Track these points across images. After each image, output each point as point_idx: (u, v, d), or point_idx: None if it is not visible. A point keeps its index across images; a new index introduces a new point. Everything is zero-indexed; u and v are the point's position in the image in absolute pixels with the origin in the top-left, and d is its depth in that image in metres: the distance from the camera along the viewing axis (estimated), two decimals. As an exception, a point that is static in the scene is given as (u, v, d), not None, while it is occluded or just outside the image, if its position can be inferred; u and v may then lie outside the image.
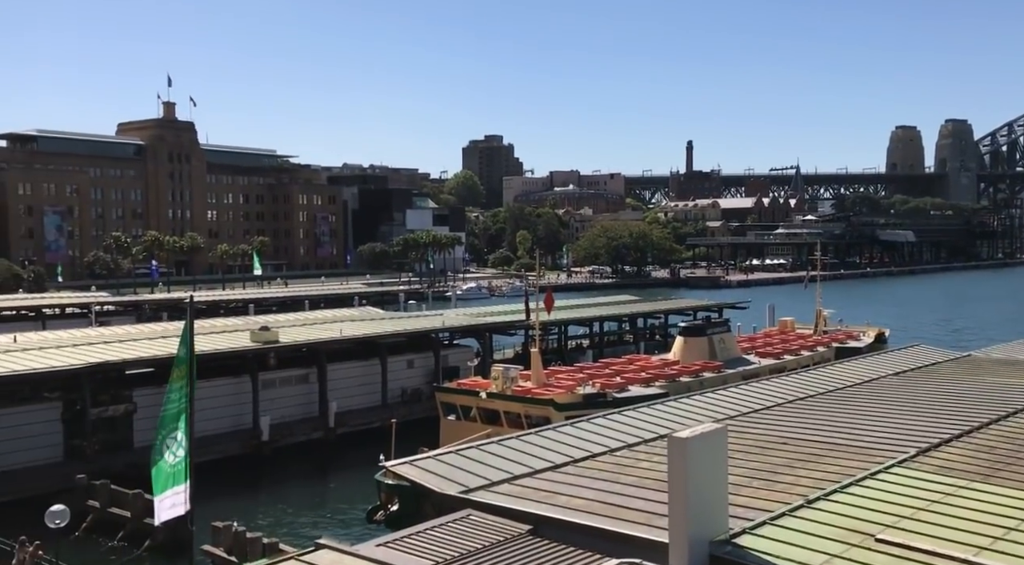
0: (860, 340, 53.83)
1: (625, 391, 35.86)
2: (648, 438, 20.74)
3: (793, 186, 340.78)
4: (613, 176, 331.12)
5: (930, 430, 20.28)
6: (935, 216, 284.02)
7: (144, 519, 28.59)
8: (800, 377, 29.78)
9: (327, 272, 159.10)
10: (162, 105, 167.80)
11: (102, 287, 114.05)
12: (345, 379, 45.41)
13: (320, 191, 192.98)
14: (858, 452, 18.43)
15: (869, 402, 24.60)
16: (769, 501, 14.98)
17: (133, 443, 36.91)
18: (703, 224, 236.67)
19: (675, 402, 25.49)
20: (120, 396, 37.54)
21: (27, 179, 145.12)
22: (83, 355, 38.46)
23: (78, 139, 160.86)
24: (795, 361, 45.35)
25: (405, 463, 19.02)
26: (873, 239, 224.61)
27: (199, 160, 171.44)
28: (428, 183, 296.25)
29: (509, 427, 31.43)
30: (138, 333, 49.22)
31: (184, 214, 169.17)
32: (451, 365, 49.23)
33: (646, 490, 16.10)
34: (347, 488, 36.32)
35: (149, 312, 75.84)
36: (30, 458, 34.09)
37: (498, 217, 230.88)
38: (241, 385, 41.10)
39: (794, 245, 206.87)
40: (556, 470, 18.21)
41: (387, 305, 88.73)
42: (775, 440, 19.94)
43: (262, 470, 38.58)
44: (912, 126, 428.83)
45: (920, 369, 30.87)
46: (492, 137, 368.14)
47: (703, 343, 43.52)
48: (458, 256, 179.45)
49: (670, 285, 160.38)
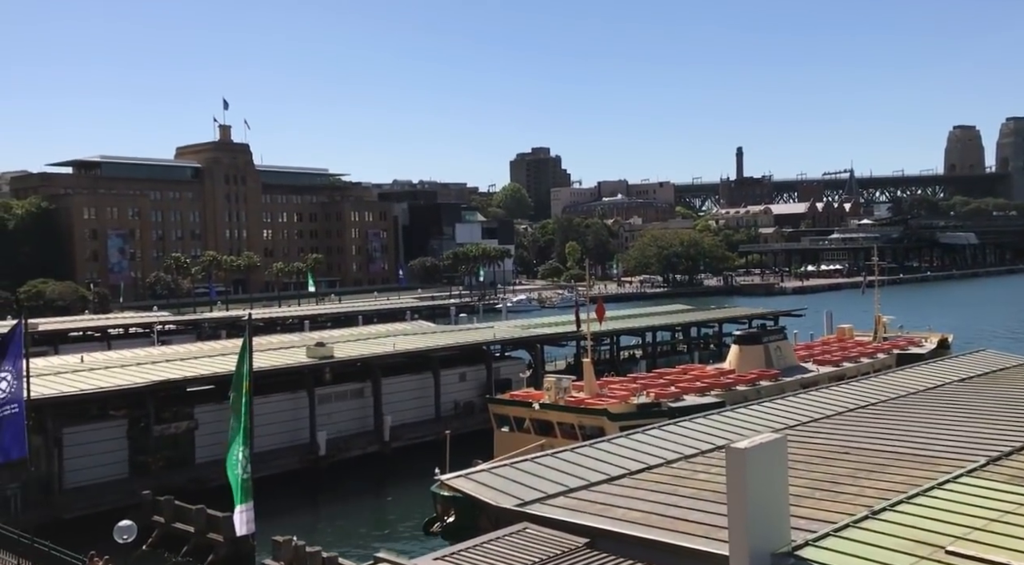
0: (922, 346, 52.33)
1: (680, 401, 35.44)
2: (705, 449, 20.47)
3: (847, 190, 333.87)
4: (662, 184, 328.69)
5: (999, 438, 19.60)
6: (998, 217, 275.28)
7: (207, 534, 29.23)
8: (860, 385, 29.08)
9: (379, 287, 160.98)
10: (218, 128, 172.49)
11: (163, 307, 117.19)
12: (399, 393, 45.81)
13: (371, 208, 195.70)
14: (924, 461, 17.91)
15: (934, 410, 23.90)
16: (832, 512, 14.64)
17: (195, 459, 37.77)
18: (755, 231, 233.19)
19: (732, 412, 25.12)
20: (182, 413, 38.44)
21: (91, 204, 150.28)
22: (146, 373, 39.53)
23: (139, 164, 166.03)
24: (855, 368, 44.30)
25: (460, 476, 19.09)
26: (932, 242, 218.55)
27: (254, 181, 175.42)
28: (476, 197, 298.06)
29: (562, 438, 31.33)
30: (198, 351, 50.45)
31: (240, 234, 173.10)
32: (503, 377, 49.29)
33: (705, 502, 15.88)
34: (403, 501, 36.56)
35: (208, 330, 77.54)
36: (98, 475, 35.08)
37: (546, 229, 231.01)
38: (298, 400, 41.75)
39: (850, 250, 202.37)
40: (612, 482, 18.08)
41: (438, 319, 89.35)
42: (836, 450, 19.49)
43: (320, 485, 39.05)
44: (971, 126, 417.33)
45: (986, 375, 29.87)
46: (539, 149, 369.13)
47: (759, 351, 42.80)
48: (508, 269, 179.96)
49: (723, 293, 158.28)
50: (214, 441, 37.87)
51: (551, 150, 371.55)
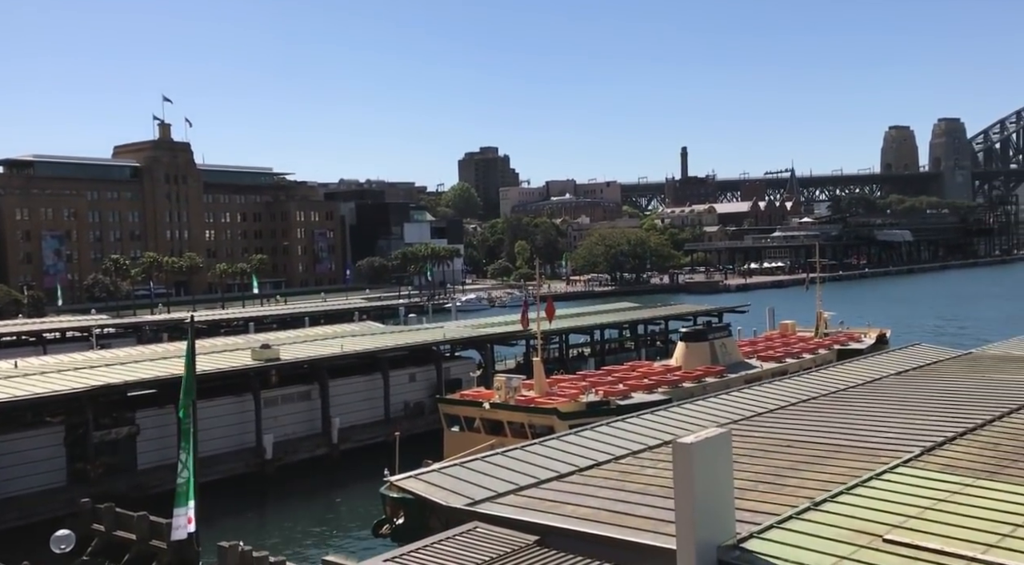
0: (862, 341, 53.81)
1: (628, 398, 35.81)
2: (652, 445, 20.73)
3: (788, 189, 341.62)
4: (609, 184, 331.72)
5: (934, 429, 20.28)
6: (931, 215, 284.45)
7: (150, 541, 28.54)
8: (802, 379, 29.78)
9: (326, 288, 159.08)
10: (158, 127, 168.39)
11: (102, 310, 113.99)
12: (347, 394, 45.36)
13: (317, 207, 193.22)
14: (863, 453, 18.43)
15: (872, 402, 24.61)
16: (776, 504, 14.97)
17: (137, 465, 36.85)
18: (700, 229, 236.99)
19: (678, 408, 25.49)
20: (123, 419, 37.47)
21: (24, 204, 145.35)
22: (85, 378, 38.41)
23: (74, 163, 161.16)
24: (797, 364, 45.32)
25: (410, 477, 19.00)
26: (870, 239, 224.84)
27: (196, 180, 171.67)
28: (425, 196, 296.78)
29: (513, 437, 31.41)
30: (139, 355, 49.19)
31: (182, 234, 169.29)
32: (453, 377, 49.18)
33: (652, 497, 16.09)
34: (352, 504, 36.24)
35: (149, 333, 75.74)
36: (34, 483, 33.97)
37: (496, 228, 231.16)
38: (243, 404, 41.03)
39: (791, 248, 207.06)
40: (562, 479, 18.20)
41: (387, 319, 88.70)
42: (779, 443, 19.93)
43: (267, 488, 38.47)
44: (905, 126, 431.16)
45: (921, 368, 30.88)
46: (487, 149, 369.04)
47: (705, 348, 43.50)
48: (457, 268, 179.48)
49: (669, 291, 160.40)
50: (157, 446, 37.05)
51: (499, 149, 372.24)
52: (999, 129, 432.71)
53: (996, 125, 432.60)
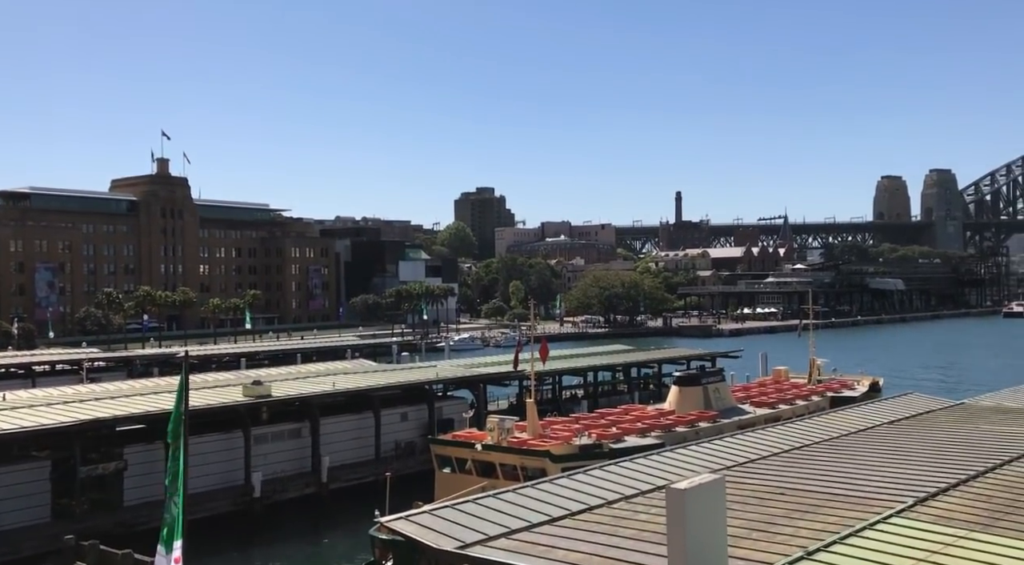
0: (855, 389, 53.81)
1: (621, 442, 35.66)
2: (646, 490, 20.62)
3: (782, 235, 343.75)
4: (604, 226, 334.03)
5: (927, 479, 20.25)
6: (923, 264, 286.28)
7: (134, 580, 28.02)
8: (796, 426, 29.73)
9: (320, 325, 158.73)
10: (156, 162, 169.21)
11: (93, 343, 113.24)
12: (338, 433, 44.98)
13: (312, 244, 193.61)
14: (856, 502, 18.37)
15: (865, 451, 24.57)
16: (769, 553, 14.88)
17: (123, 501, 36.35)
18: (694, 273, 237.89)
19: (671, 453, 25.38)
20: (111, 454, 37.02)
21: (19, 236, 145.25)
22: (73, 412, 38.02)
23: (71, 196, 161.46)
24: (790, 410, 45.26)
25: (400, 518, 18.81)
26: (863, 287, 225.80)
27: (192, 215, 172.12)
28: (421, 235, 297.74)
29: (505, 479, 31.16)
30: (129, 389, 48.79)
31: (176, 269, 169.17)
32: (445, 417, 48.87)
33: (645, 543, 15.97)
34: (341, 544, 35.76)
35: (140, 368, 75.14)
36: (17, 519, 33.42)
37: (490, 268, 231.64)
38: (232, 440, 40.64)
39: (784, 294, 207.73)
40: (554, 524, 18.05)
41: (380, 357, 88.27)
42: (773, 490, 19.85)
43: (254, 527, 37.94)
44: (897, 176, 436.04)
45: (914, 418, 30.88)
46: (484, 189, 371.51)
47: (698, 393, 43.45)
48: (451, 307, 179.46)
49: (662, 334, 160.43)
50: (145, 482, 36.57)
51: (496, 190, 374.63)
52: (990, 181, 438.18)
53: (987, 177, 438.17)
